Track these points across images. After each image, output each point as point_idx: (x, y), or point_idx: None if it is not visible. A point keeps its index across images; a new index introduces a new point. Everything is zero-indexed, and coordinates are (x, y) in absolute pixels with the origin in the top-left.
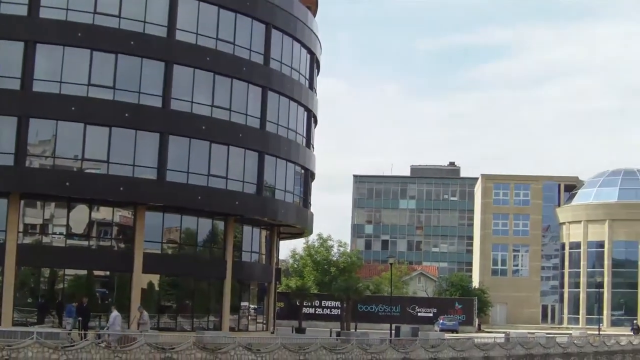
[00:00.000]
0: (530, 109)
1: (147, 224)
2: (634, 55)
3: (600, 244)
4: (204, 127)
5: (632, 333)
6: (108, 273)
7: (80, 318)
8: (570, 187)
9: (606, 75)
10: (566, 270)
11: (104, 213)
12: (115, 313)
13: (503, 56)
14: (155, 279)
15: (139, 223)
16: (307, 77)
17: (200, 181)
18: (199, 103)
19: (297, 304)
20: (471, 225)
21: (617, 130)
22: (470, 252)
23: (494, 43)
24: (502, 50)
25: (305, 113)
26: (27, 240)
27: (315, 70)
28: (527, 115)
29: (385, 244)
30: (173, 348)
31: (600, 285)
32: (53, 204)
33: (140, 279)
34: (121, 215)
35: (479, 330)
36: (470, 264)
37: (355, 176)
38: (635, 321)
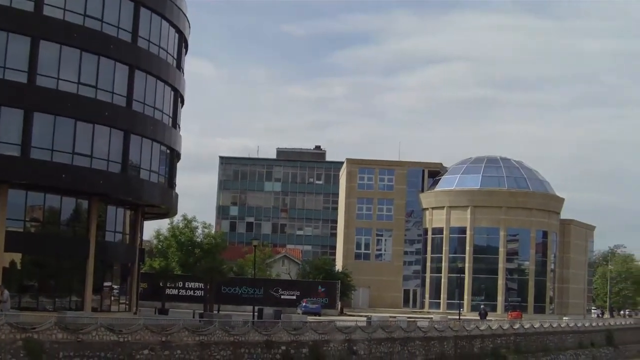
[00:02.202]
0: (395, 95)
1: (9, 202)
2: (499, 46)
3: (462, 230)
4: (69, 105)
5: (479, 317)
6: None
7: None
8: (434, 173)
9: (471, 65)
10: (428, 255)
11: None
12: None
13: (369, 43)
14: (17, 257)
15: (1, 200)
16: (175, 56)
17: (64, 159)
18: (65, 80)
19: (161, 285)
20: (336, 209)
21: (481, 119)
22: (334, 235)
23: (360, 30)
24: (368, 36)
25: (172, 93)
26: None
27: (184, 50)
28: (392, 102)
29: (250, 226)
30: (34, 328)
31: (461, 270)
32: None
33: (2, 258)
34: None
35: (342, 313)
36: (334, 247)
37: (221, 157)
38: (482, 306)
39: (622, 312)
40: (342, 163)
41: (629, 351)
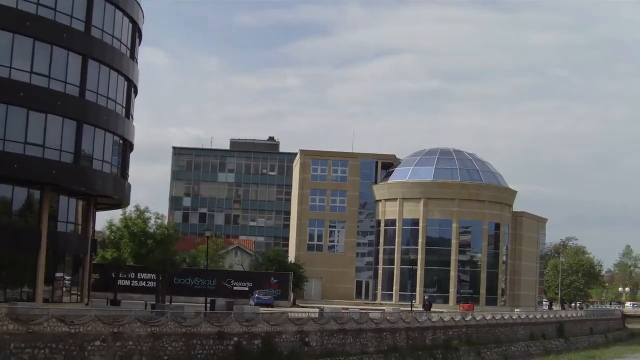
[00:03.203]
0: (348, 87)
1: None
2: (452, 39)
3: (415, 222)
4: (22, 94)
5: (422, 309)
6: None
7: None
8: (387, 165)
9: (421, 57)
10: (381, 247)
11: None
12: None
13: (322, 34)
14: None
15: None
16: (129, 46)
17: (16, 149)
18: (17, 69)
19: (113, 275)
20: (289, 200)
21: (432, 111)
22: (287, 227)
23: (314, 21)
24: (320, 28)
25: (126, 83)
26: None
27: (137, 40)
28: (345, 93)
29: (203, 216)
30: None
31: (414, 262)
32: None
33: None
34: None
35: (294, 305)
36: (286, 239)
37: (174, 148)
38: (426, 297)
39: (573, 304)
40: (295, 154)
41: (580, 343)
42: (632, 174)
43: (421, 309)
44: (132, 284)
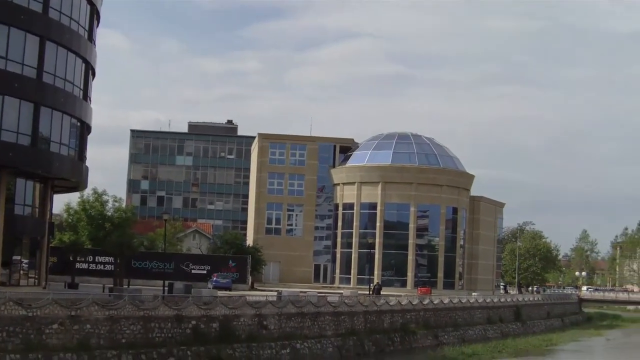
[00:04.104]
0: (308, 70)
1: None
2: (414, 24)
3: (373, 206)
4: None
5: (372, 293)
6: None
7: None
8: (346, 148)
9: (382, 42)
10: (339, 231)
11: None
12: None
13: (283, 17)
14: None
15: None
16: (87, 28)
17: None
18: None
19: (71, 259)
20: (247, 183)
21: (392, 95)
22: (245, 210)
23: (274, 3)
24: (282, 11)
25: (83, 65)
26: None
27: (95, 22)
28: (305, 77)
29: (160, 200)
30: None
31: (372, 246)
32: None
33: None
34: None
35: (252, 288)
36: (245, 222)
37: (132, 131)
38: (378, 281)
39: (530, 288)
40: (253, 138)
41: (537, 326)
42: (590, 160)
43: (387, 293)
44: (90, 267)
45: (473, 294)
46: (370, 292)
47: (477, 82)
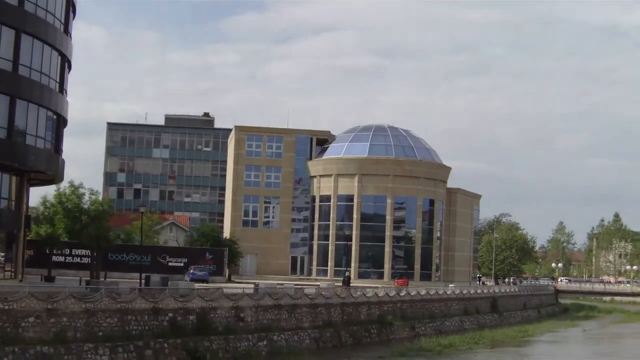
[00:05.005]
0: (285, 63)
1: None
2: (390, 16)
3: (350, 198)
4: None
5: (342, 285)
6: None
7: None
8: (322, 141)
9: (359, 34)
10: (316, 223)
11: None
12: None
13: (258, 9)
14: None
15: None
16: (63, 21)
17: None
18: None
19: (47, 252)
20: (224, 176)
21: (370, 88)
22: (222, 202)
23: None
24: (260, 3)
25: (59, 57)
26: None
27: (72, 15)
28: (281, 69)
29: (137, 192)
30: None
31: (349, 238)
32: None
33: None
34: None
35: (229, 280)
36: (221, 214)
37: (109, 124)
38: (347, 272)
39: (506, 279)
40: (230, 130)
41: (513, 318)
42: (565, 152)
43: (364, 284)
44: (67, 260)
45: (450, 285)
46: (342, 284)
47: (453, 73)
